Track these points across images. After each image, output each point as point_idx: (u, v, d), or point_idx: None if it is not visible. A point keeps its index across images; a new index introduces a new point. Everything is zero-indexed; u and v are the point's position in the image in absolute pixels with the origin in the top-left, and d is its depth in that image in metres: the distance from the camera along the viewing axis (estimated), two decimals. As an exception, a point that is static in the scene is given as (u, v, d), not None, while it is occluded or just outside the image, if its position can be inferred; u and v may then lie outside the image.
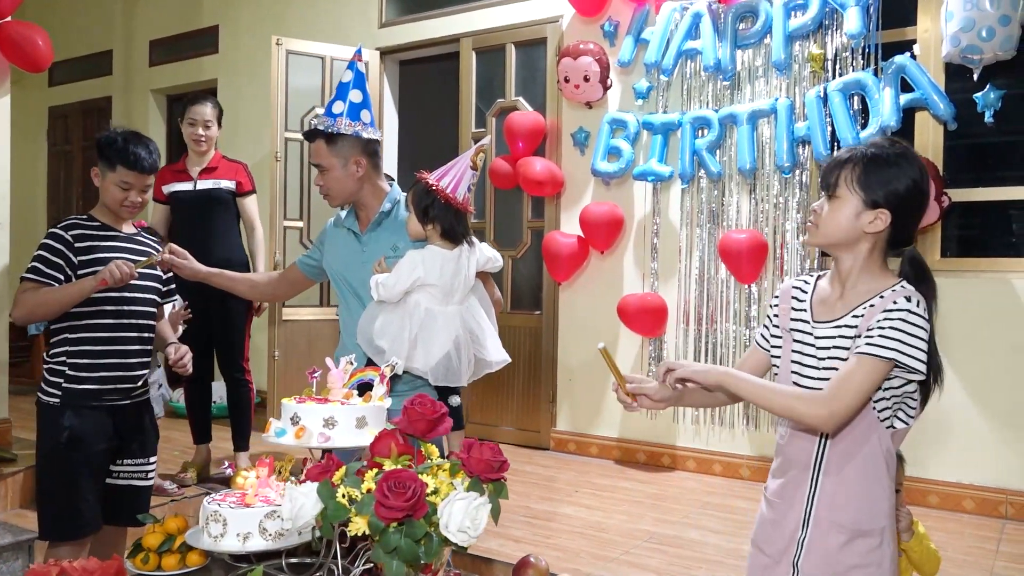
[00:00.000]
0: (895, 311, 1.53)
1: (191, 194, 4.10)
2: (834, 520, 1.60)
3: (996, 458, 3.80)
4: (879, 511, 1.60)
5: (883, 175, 1.58)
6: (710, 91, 4.48)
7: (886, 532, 1.60)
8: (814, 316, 1.68)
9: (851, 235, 1.61)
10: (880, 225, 1.59)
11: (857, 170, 1.59)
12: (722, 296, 4.48)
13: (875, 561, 1.59)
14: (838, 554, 1.60)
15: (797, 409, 1.56)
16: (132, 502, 2.56)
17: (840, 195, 1.60)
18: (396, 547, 1.38)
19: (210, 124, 4.14)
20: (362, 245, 2.42)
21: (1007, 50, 3.67)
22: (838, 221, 1.61)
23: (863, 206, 1.59)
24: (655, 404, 1.76)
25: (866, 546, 1.59)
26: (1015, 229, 4.06)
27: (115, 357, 2.47)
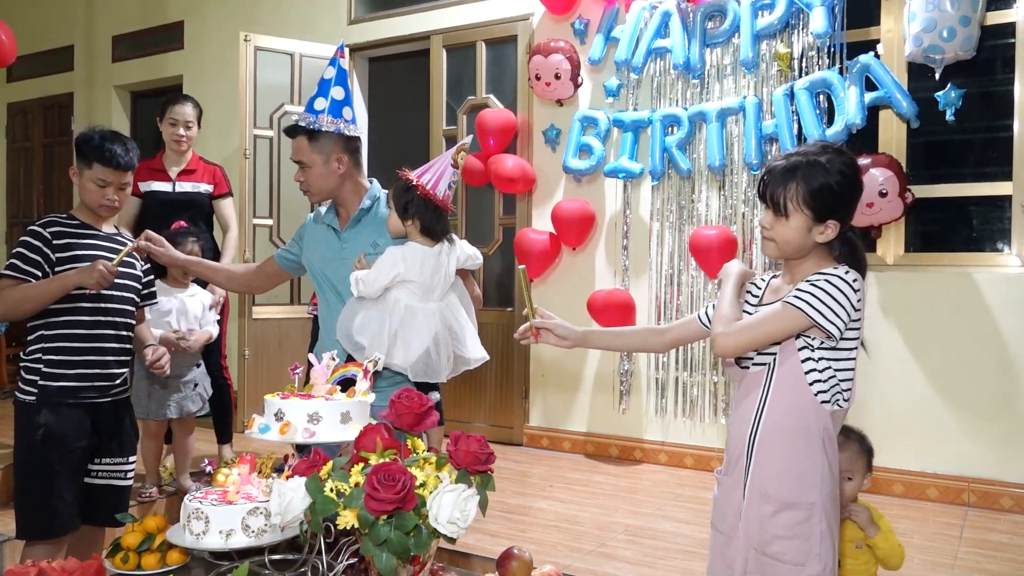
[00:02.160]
0: (823, 274, 1.63)
1: (169, 195, 4.09)
2: (764, 490, 1.67)
3: (958, 447, 3.90)
4: (809, 486, 1.64)
5: (826, 189, 1.64)
6: (679, 89, 4.54)
7: (816, 507, 1.64)
8: (762, 300, 1.78)
9: (805, 247, 1.69)
10: (831, 234, 1.67)
11: (802, 189, 1.64)
12: (692, 291, 4.54)
13: (801, 534, 1.63)
14: (766, 523, 1.66)
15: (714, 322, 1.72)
16: (110, 502, 2.54)
17: (789, 214, 1.66)
18: (386, 539, 1.39)
19: (191, 124, 4.12)
20: (342, 242, 2.42)
21: (967, 50, 3.76)
22: (790, 237, 1.68)
23: (812, 222, 1.66)
24: (559, 341, 1.94)
25: (792, 519, 1.64)
26: (976, 224, 4.18)
27: (92, 355, 2.46)
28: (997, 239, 4.03)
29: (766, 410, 1.68)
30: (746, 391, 1.74)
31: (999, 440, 3.84)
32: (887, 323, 4.03)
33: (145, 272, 2.65)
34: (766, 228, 1.71)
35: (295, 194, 5.39)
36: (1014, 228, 3.90)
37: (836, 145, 1.74)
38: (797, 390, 1.65)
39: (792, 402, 1.65)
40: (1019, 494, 3.77)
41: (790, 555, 1.63)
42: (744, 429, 1.72)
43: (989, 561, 3.18)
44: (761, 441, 1.68)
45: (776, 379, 1.68)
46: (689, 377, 4.56)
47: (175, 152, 4.14)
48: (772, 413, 1.68)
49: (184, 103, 4.17)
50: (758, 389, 1.70)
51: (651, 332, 2.06)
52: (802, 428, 1.65)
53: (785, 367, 1.66)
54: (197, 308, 3.77)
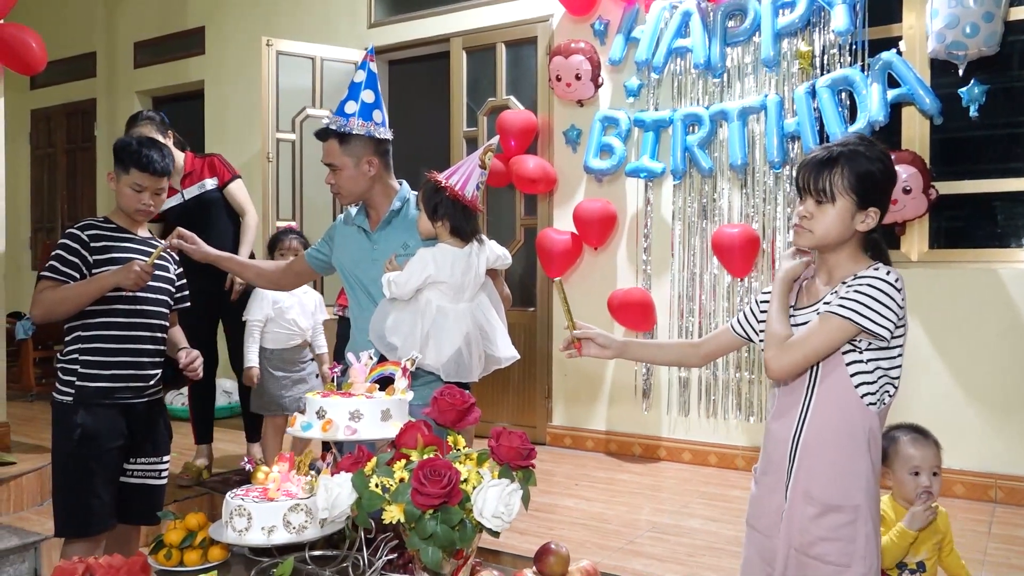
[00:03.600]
0: (864, 278, 1.62)
1: (182, 205, 4.10)
2: (808, 492, 1.67)
3: (985, 444, 3.89)
4: (854, 488, 1.64)
5: (871, 176, 1.64)
6: (700, 88, 4.55)
7: (861, 509, 1.64)
8: (796, 303, 1.76)
9: (845, 235, 1.68)
10: (872, 223, 1.67)
11: (847, 174, 1.64)
12: (714, 290, 4.55)
13: (845, 536, 1.63)
14: (809, 525, 1.66)
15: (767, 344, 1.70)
16: (145, 501, 2.60)
17: (835, 198, 1.65)
18: (432, 533, 1.42)
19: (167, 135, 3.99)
20: (372, 243, 2.45)
21: (991, 46, 3.76)
22: (833, 224, 1.66)
23: (856, 208, 1.65)
24: (600, 351, 1.94)
25: (836, 521, 1.64)
26: (1000, 220, 4.16)
27: (127, 356, 2.51)
28: (1021, 235, 4.02)
29: (810, 413, 1.68)
30: (788, 391, 1.73)
31: (1026, 436, 3.83)
32: (911, 319, 3.96)
33: (178, 276, 2.70)
34: (806, 217, 1.69)
35: (318, 196, 5.50)
36: (1039, 224, 3.89)
37: (869, 138, 1.75)
38: (843, 393, 1.65)
39: (837, 405, 1.65)
40: (1047, 490, 3.77)
41: (833, 556, 1.64)
42: (787, 430, 1.72)
43: (1018, 557, 3.18)
44: (805, 444, 1.68)
45: (820, 381, 1.67)
46: (712, 375, 4.57)
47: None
48: (817, 416, 1.67)
49: (142, 123, 3.94)
50: (801, 391, 1.70)
51: (688, 346, 2.07)
52: (847, 431, 1.65)
53: (829, 370, 1.66)
54: (311, 304, 4.05)
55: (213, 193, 4.17)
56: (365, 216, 2.50)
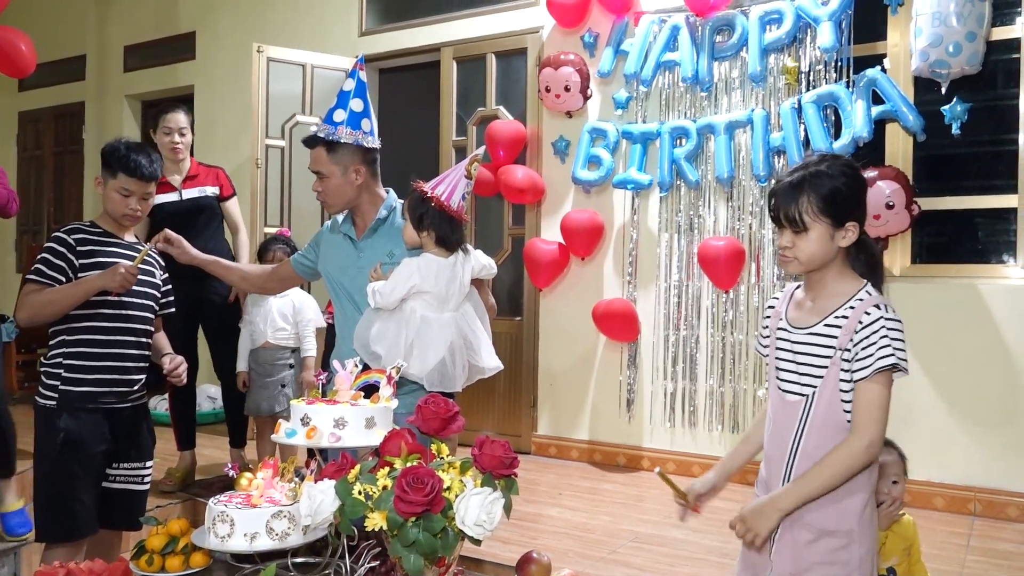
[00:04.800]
0: (874, 323, 1.63)
1: (177, 204, 4.10)
2: (802, 519, 1.68)
3: (965, 457, 3.93)
4: (848, 513, 1.66)
5: (837, 193, 1.65)
6: (688, 102, 4.59)
7: (854, 535, 1.65)
8: (791, 322, 1.77)
9: (828, 256, 1.69)
10: (852, 236, 1.68)
11: (814, 199, 1.65)
12: (699, 302, 4.58)
13: (840, 560, 1.65)
14: (803, 551, 1.67)
15: (850, 464, 1.63)
16: (128, 506, 2.58)
17: (808, 226, 1.66)
18: (414, 541, 1.43)
19: (185, 131, 4.13)
20: (358, 251, 2.46)
21: (973, 65, 3.82)
22: (815, 250, 1.68)
23: (833, 228, 1.67)
24: (716, 492, 1.98)
25: (831, 546, 1.66)
26: (981, 236, 4.22)
27: (112, 360, 2.50)
28: (1002, 251, 4.07)
29: (803, 440, 1.69)
30: (784, 416, 1.74)
31: (1005, 450, 3.87)
32: (894, 334, 4.06)
33: (164, 281, 2.70)
34: (787, 247, 1.70)
35: (306, 203, 5.50)
36: (1019, 240, 3.94)
37: (831, 152, 1.77)
38: (835, 422, 1.66)
39: (831, 434, 1.66)
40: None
41: None
42: (781, 455, 1.73)
43: (996, 570, 3.21)
44: (799, 471, 1.69)
45: (815, 410, 1.68)
46: (694, 387, 4.60)
47: (172, 161, 4.14)
48: (809, 444, 1.68)
49: (175, 110, 4.17)
50: (796, 417, 1.71)
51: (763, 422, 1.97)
52: None
53: (824, 399, 1.67)
54: (287, 307, 4.10)
55: (210, 200, 4.20)
56: (351, 224, 2.51)
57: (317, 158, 2.42)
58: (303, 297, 4.17)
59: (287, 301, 4.08)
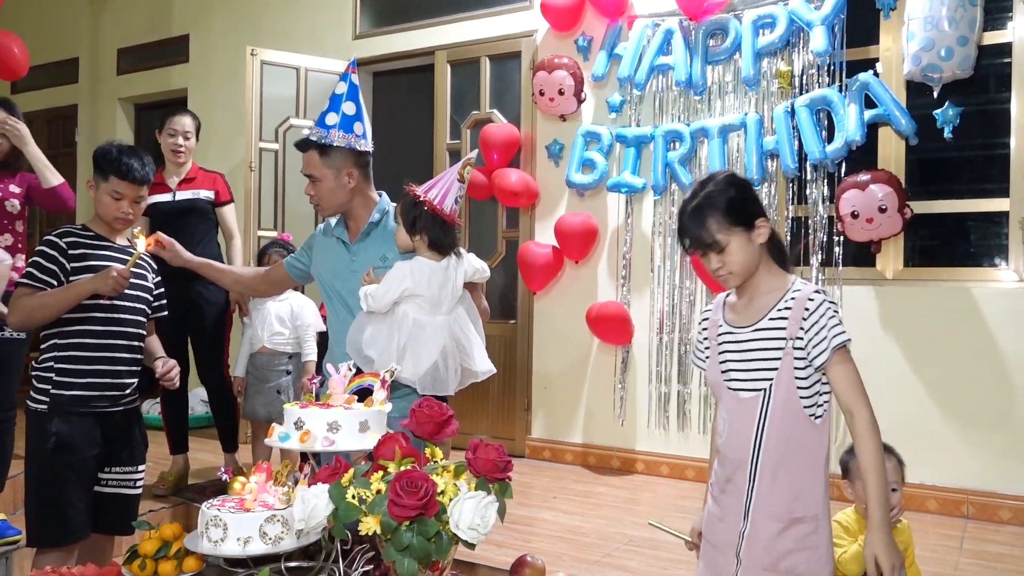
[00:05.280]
0: (819, 307, 1.71)
1: (170, 204, 4.11)
2: (770, 511, 1.73)
3: (958, 460, 3.94)
4: (813, 499, 1.72)
5: (733, 202, 1.74)
6: (682, 105, 4.60)
7: (820, 519, 1.73)
8: (732, 324, 1.83)
9: (756, 256, 1.78)
10: (766, 232, 1.77)
11: (717, 216, 1.73)
12: (693, 305, 4.59)
13: (811, 545, 1.72)
14: (775, 541, 1.72)
15: (874, 440, 1.71)
16: (120, 510, 2.58)
17: (727, 242, 1.74)
18: (408, 545, 1.43)
19: (189, 135, 4.17)
20: (351, 255, 2.46)
21: (965, 69, 3.83)
22: (742, 258, 1.76)
23: (747, 231, 1.75)
24: None
25: (801, 532, 1.71)
26: (973, 240, 4.24)
27: (103, 364, 2.49)
28: (994, 254, 4.09)
29: (765, 434, 1.73)
30: (741, 415, 1.78)
31: (997, 453, 3.89)
32: (886, 337, 4.08)
33: (157, 284, 2.69)
34: (719, 268, 1.78)
35: (300, 206, 5.49)
36: (1011, 244, 3.96)
37: (709, 174, 1.86)
38: (794, 412, 1.72)
39: (791, 424, 1.72)
40: (1017, 506, 3.82)
41: (803, 567, 1.70)
42: (743, 452, 1.76)
43: (989, 572, 3.22)
44: (764, 465, 1.74)
45: (773, 402, 1.73)
46: (687, 390, 4.61)
47: (174, 164, 4.17)
48: (772, 437, 1.73)
49: (183, 115, 4.22)
50: (754, 413, 1.75)
51: None
52: (803, 447, 1.72)
53: (781, 390, 1.72)
54: (284, 311, 4.09)
55: (204, 204, 4.20)
56: (344, 227, 2.51)
57: (309, 161, 2.42)
58: (302, 301, 4.15)
59: (285, 305, 4.07)
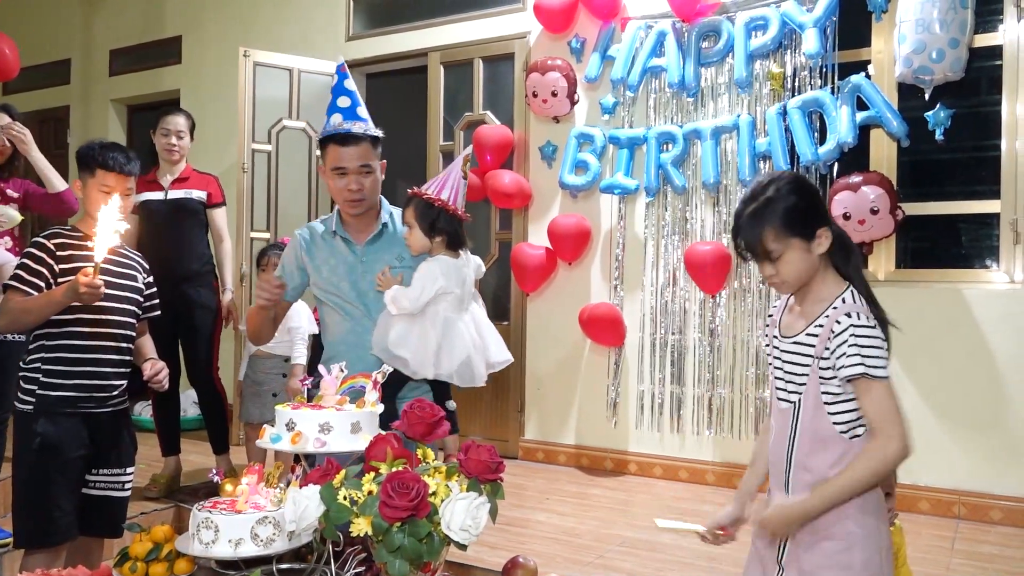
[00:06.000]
0: (843, 332, 1.62)
1: (162, 203, 4.12)
2: (806, 523, 1.69)
3: (950, 461, 3.95)
4: (844, 517, 1.67)
5: (793, 211, 1.66)
6: (674, 107, 4.61)
7: (856, 536, 1.66)
8: (781, 331, 1.79)
9: (813, 267, 1.70)
10: (827, 243, 1.68)
11: (776, 225, 1.66)
12: (685, 306, 4.59)
13: (841, 563, 1.67)
14: (807, 553, 1.70)
15: (873, 467, 1.62)
16: (108, 513, 2.56)
17: (782, 252, 1.67)
18: (399, 546, 1.42)
19: (183, 135, 4.18)
20: (358, 256, 2.40)
21: (956, 71, 3.85)
22: (798, 268, 1.68)
23: (805, 242, 1.67)
24: (742, 521, 1.91)
25: (832, 549, 1.67)
26: (964, 241, 4.25)
27: (90, 365, 2.47)
28: (986, 256, 4.10)
29: (796, 448, 1.72)
30: (780, 424, 1.77)
31: (989, 454, 3.90)
32: (879, 338, 4.08)
33: (148, 285, 2.67)
34: (772, 275, 1.71)
35: (293, 207, 5.48)
36: (1002, 245, 3.97)
37: (773, 173, 1.77)
38: (823, 428, 1.68)
39: (821, 440, 1.68)
40: (1009, 507, 3.83)
41: None
42: (781, 461, 1.76)
43: (980, 572, 3.23)
44: (795, 475, 1.73)
45: (801, 417, 1.71)
46: (680, 391, 4.61)
47: (168, 162, 4.19)
48: (801, 451, 1.71)
49: (177, 114, 4.24)
50: (788, 424, 1.74)
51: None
52: (833, 462, 1.68)
53: (808, 406, 1.69)
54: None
55: (195, 204, 4.21)
56: (342, 226, 2.44)
57: (366, 153, 2.33)
58: (295, 304, 4.13)
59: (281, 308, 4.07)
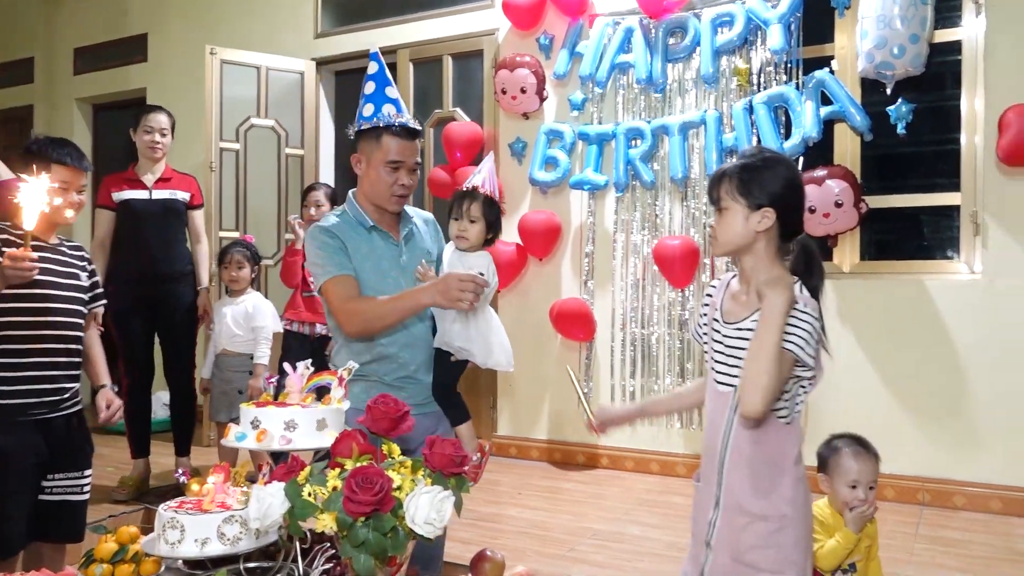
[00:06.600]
0: (795, 314, 1.66)
1: (146, 203, 4.12)
2: (736, 504, 1.74)
3: (914, 449, 4.03)
4: (779, 499, 1.72)
5: (757, 179, 1.74)
6: (642, 103, 4.65)
7: (788, 518, 1.71)
8: (724, 316, 1.82)
9: (746, 238, 1.76)
10: (767, 223, 1.74)
11: (734, 181, 1.75)
12: (655, 301, 4.63)
13: (775, 543, 1.72)
14: (741, 534, 1.74)
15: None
16: (67, 518, 2.48)
17: (726, 207, 1.76)
18: (364, 541, 1.43)
19: (165, 132, 4.21)
20: (400, 252, 2.33)
21: (917, 66, 3.92)
22: (731, 229, 1.76)
23: (748, 210, 1.74)
24: (622, 423, 2.03)
25: (765, 529, 1.72)
26: (927, 233, 4.33)
27: (39, 370, 2.39)
28: (947, 247, 4.18)
29: (734, 428, 1.75)
30: (716, 407, 1.80)
31: (952, 441, 3.98)
32: (843, 329, 4.15)
33: (93, 284, 2.59)
34: (713, 227, 1.82)
35: (262, 206, 5.44)
36: (962, 237, 4.05)
37: (771, 149, 1.85)
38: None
39: (756, 425, 1.72)
40: (971, 492, 3.91)
41: (765, 563, 1.71)
42: (715, 444, 1.78)
43: (943, 556, 3.30)
44: (731, 458, 1.75)
45: (739, 404, 1.72)
46: (651, 384, 4.65)
47: (149, 160, 4.18)
48: (740, 431, 1.74)
49: (158, 112, 4.26)
50: (727, 407, 1.76)
51: (699, 387, 2.00)
52: (770, 445, 1.72)
53: None
54: (239, 313, 4.08)
55: (180, 205, 4.26)
56: (372, 221, 2.32)
57: (415, 149, 2.29)
58: (258, 302, 4.13)
59: (241, 308, 4.06)
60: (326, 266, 2.23)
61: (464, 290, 2.05)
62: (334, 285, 2.22)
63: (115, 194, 4.13)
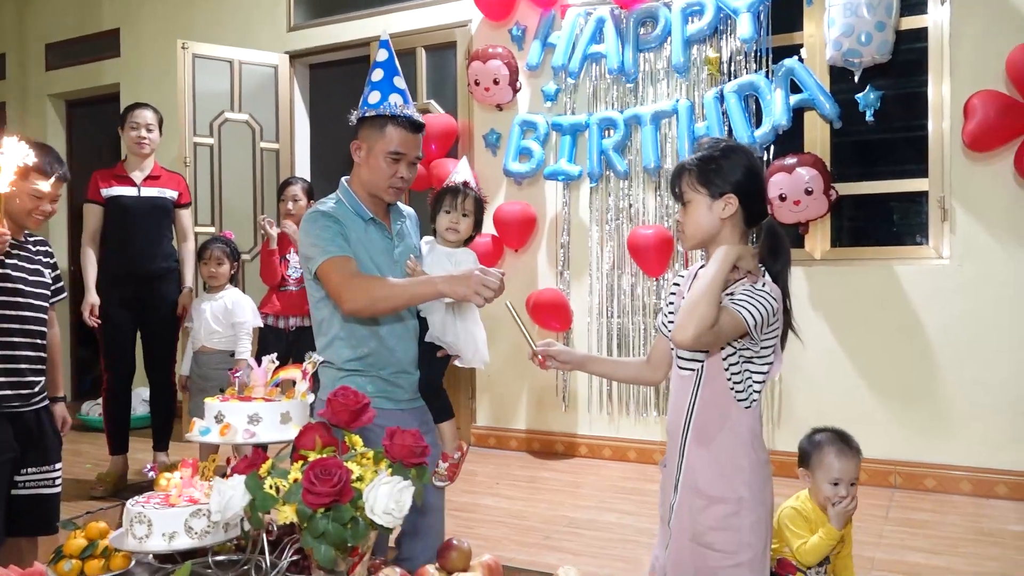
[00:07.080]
0: (739, 283, 1.72)
1: (135, 200, 4.12)
2: (695, 486, 1.78)
3: (886, 432, 4.08)
4: (737, 482, 1.75)
5: (717, 169, 1.77)
6: (615, 93, 4.67)
7: (744, 501, 1.75)
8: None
9: (712, 227, 1.79)
10: (731, 209, 1.77)
11: (694, 173, 1.79)
12: (631, 289, 4.67)
13: (731, 526, 1.75)
14: (698, 516, 1.77)
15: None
16: (40, 511, 2.50)
17: (689, 199, 1.80)
18: (324, 532, 1.45)
19: (152, 128, 4.21)
20: (393, 243, 2.32)
21: (883, 54, 3.96)
22: (697, 220, 1.80)
23: (711, 199, 1.78)
24: (562, 365, 2.06)
25: (722, 512, 1.75)
26: (896, 219, 4.38)
27: (8, 363, 2.41)
28: (916, 233, 4.23)
29: (695, 412, 1.78)
30: (678, 391, 1.84)
31: (923, 424, 4.04)
32: (815, 315, 4.20)
33: (55, 278, 2.60)
34: (679, 222, 1.85)
35: (237, 201, 5.43)
36: (931, 222, 4.10)
37: (728, 139, 1.87)
38: (722, 394, 1.75)
39: (717, 405, 1.76)
40: (941, 474, 3.98)
41: (721, 544, 1.75)
42: (677, 428, 1.82)
43: (912, 538, 3.36)
44: (691, 441, 1.79)
45: (704, 384, 1.77)
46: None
47: (137, 156, 4.18)
48: (700, 415, 1.78)
49: (145, 108, 4.27)
50: (688, 391, 1.80)
51: (642, 364, 2.08)
52: (729, 429, 1.76)
53: (711, 372, 1.76)
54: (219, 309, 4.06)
55: (167, 204, 4.27)
56: (369, 211, 2.29)
57: (418, 143, 2.27)
58: (237, 297, 4.11)
59: (220, 304, 4.04)
60: (327, 247, 2.15)
61: (489, 287, 2.06)
62: (337, 263, 2.14)
63: (104, 190, 4.14)
